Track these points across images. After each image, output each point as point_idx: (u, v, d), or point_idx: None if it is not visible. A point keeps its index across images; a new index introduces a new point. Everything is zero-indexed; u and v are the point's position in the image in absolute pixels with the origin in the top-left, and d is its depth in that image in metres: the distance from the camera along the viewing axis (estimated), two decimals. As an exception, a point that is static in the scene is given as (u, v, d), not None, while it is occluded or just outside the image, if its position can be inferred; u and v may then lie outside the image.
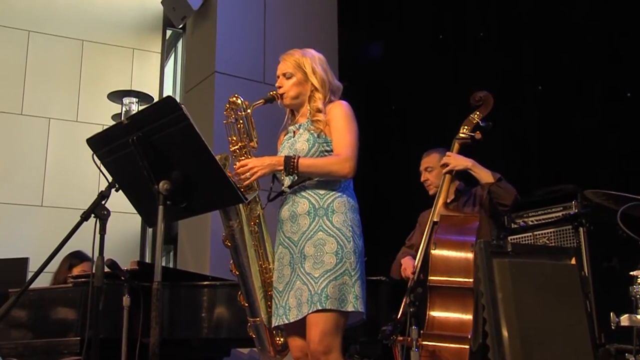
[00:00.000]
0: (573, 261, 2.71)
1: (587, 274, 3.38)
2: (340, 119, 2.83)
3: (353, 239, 2.73)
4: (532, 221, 3.93)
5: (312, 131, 2.83)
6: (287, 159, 2.74)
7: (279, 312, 2.75)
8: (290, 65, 2.92)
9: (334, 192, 2.78)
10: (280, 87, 2.92)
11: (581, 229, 3.63)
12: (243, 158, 2.81)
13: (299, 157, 2.75)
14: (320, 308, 2.61)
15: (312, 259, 2.69)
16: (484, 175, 3.40)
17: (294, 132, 2.92)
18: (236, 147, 2.83)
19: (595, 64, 4.47)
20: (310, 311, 2.63)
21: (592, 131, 4.40)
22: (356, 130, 2.85)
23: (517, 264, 2.58)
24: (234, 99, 2.83)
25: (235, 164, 2.78)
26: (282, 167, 2.75)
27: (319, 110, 2.85)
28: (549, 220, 3.84)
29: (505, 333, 2.44)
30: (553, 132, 4.69)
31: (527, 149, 4.83)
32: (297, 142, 2.85)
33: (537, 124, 4.79)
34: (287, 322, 2.71)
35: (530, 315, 2.51)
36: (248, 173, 2.72)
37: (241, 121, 2.82)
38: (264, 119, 2.98)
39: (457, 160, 3.40)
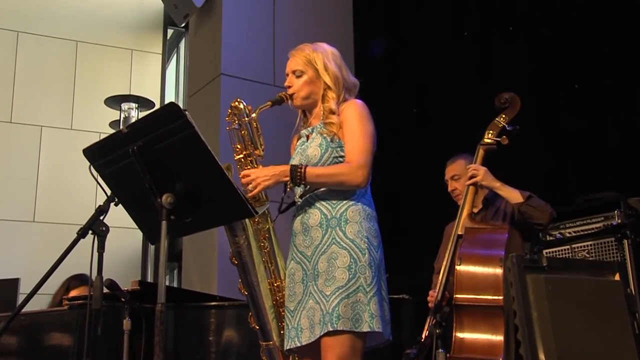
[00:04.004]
0: (617, 277, 2.69)
1: (633, 291, 3.36)
2: (353, 120, 2.78)
3: (369, 250, 2.68)
4: (569, 233, 3.91)
5: (325, 135, 2.80)
6: (294, 169, 2.71)
7: (290, 334, 2.73)
8: (300, 61, 2.87)
9: (347, 201, 2.74)
10: (289, 87, 2.88)
11: (625, 241, 3.60)
12: (248, 167, 2.79)
13: (306, 166, 2.72)
14: (331, 329, 2.58)
15: (324, 274, 2.67)
16: (513, 196, 3.39)
17: (307, 136, 2.89)
18: (241, 155, 2.82)
19: (638, 59, 4.45)
20: (322, 333, 2.60)
21: (635, 133, 4.38)
22: (371, 133, 2.80)
23: (553, 280, 2.56)
24: (236, 103, 2.81)
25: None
26: (288, 178, 2.72)
27: (332, 112, 2.81)
28: (589, 231, 3.81)
29: (542, 356, 2.41)
30: (592, 135, 4.67)
31: (563, 154, 4.81)
32: (308, 147, 2.83)
33: (573, 126, 4.77)
34: (299, 345, 2.69)
35: (570, 337, 2.49)
36: (250, 185, 2.70)
37: (245, 128, 2.81)
38: (275, 122, 2.98)
39: (485, 176, 3.39)
